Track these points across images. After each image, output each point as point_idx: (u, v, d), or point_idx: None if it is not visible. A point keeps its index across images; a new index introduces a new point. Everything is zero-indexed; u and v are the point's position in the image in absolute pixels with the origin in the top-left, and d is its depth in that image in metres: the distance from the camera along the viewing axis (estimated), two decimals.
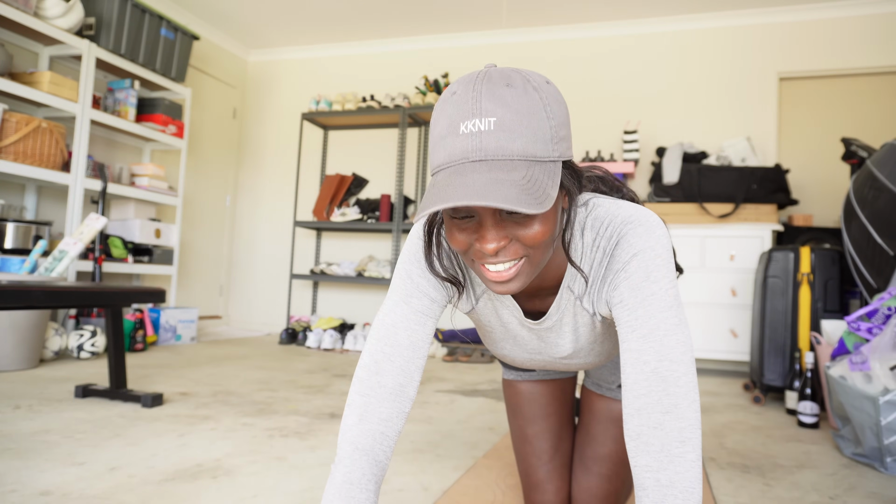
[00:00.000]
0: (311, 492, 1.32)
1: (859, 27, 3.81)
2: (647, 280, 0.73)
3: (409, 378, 0.82)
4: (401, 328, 0.83)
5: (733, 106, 4.01)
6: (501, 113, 0.63)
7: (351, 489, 0.75)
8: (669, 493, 0.66)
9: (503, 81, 0.65)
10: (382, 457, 0.79)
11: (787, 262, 2.67)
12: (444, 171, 0.65)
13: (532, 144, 0.64)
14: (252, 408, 2.12)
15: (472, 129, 0.63)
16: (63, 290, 1.83)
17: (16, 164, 2.95)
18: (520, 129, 0.63)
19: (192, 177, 4.67)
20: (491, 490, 1.37)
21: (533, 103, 0.65)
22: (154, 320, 3.66)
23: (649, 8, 4.04)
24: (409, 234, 0.91)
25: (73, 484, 1.29)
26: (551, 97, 0.67)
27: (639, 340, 0.72)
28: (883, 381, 1.70)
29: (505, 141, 0.63)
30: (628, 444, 0.72)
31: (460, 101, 0.65)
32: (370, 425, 0.79)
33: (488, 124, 0.63)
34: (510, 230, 0.67)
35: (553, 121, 0.66)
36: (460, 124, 0.64)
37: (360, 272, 4.34)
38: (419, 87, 4.45)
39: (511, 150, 0.63)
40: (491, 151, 0.63)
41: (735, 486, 1.50)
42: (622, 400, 0.74)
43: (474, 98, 0.64)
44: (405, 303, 0.84)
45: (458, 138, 0.64)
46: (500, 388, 2.79)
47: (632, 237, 0.75)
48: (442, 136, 0.66)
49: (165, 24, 3.86)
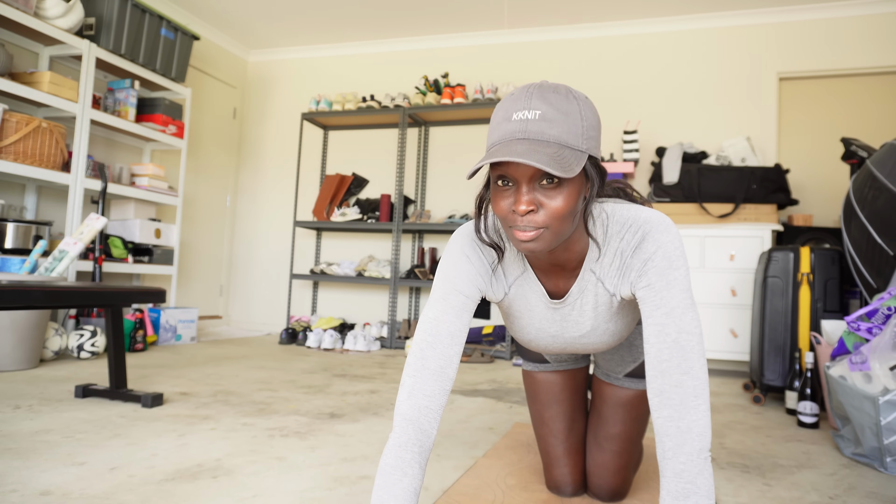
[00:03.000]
0: (311, 492, 1.32)
1: (859, 27, 3.81)
2: (669, 267, 0.92)
3: (449, 361, 0.99)
4: (441, 321, 1.00)
5: (733, 106, 4.01)
6: (545, 109, 0.84)
7: (400, 451, 0.92)
8: (688, 436, 0.85)
9: (552, 89, 0.86)
10: (427, 426, 0.96)
11: (787, 262, 2.67)
12: (496, 146, 0.86)
13: (565, 134, 0.84)
14: (252, 408, 2.12)
15: (521, 118, 0.85)
16: (63, 290, 1.83)
17: (16, 164, 2.95)
18: (557, 122, 0.84)
19: (192, 177, 4.67)
20: (491, 490, 1.37)
21: (571, 107, 0.85)
22: (154, 320, 3.66)
23: (649, 8, 4.04)
24: (449, 242, 1.07)
25: (73, 484, 1.29)
26: (587, 108, 0.87)
27: (663, 316, 0.91)
28: (883, 381, 1.70)
29: (545, 128, 0.84)
30: (652, 401, 0.90)
31: (516, 99, 0.87)
32: (417, 400, 0.96)
33: (534, 115, 0.84)
34: (539, 198, 0.86)
35: (585, 122, 0.86)
36: (514, 113, 0.86)
37: (360, 272, 4.34)
38: (419, 87, 4.45)
39: (548, 135, 0.84)
40: (533, 133, 0.84)
41: (735, 486, 1.50)
42: (646, 364, 0.92)
43: (527, 97, 0.86)
44: (444, 300, 1.01)
45: (510, 123, 0.86)
46: (500, 388, 2.79)
47: (655, 234, 0.94)
48: (498, 122, 0.88)
49: (165, 24, 3.86)
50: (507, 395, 2.60)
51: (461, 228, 1.07)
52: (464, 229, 1.06)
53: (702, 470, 0.84)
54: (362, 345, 3.91)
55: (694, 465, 0.84)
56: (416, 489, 0.91)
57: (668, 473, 0.86)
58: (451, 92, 4.21)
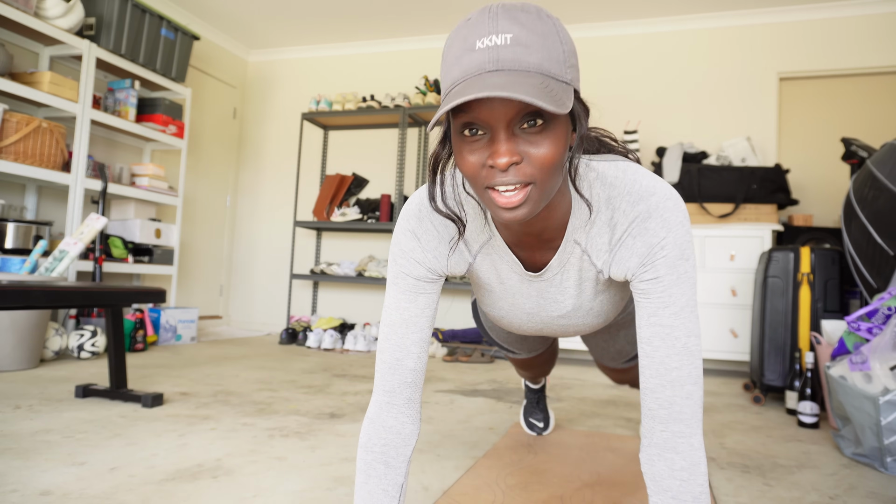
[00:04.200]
0: (311, 492, 1.32)
1: (859, 27, 3.81)
2: (681, 258, 0.77)
3: (406, 352, 0.88)
4: (392, 309, 0.90)
5: (733, 106, 4.01)
6: (517, 30, 0.65)
7: (361, 451, 0.90)
8: (691, 478, 0.76)
9: (518, 7, 0.67)
10: (392, 422, 0.89)
11: (787, 262, 2.67)
12: (459, 84, 0.66)
13: (547, 62, 0.65)
14: (252, 408, 2.12)
15: (489, 44, 0.64)
16: (63, 290, 1.83)
17: (16, 164, 2.95)
18: (535, 46, 0.65)
19: (192, 177, 4.67)
20: (491, 490, 1.37)
21: (547, 27, 0.66)
22: (154, 320, 3.66)
23: (649, 8, 4.04)
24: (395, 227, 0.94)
25: (73, 484, 1.29)
26: (562, 27, 0.69)
27: (671, 317, 0.77)
28: (883, 381, 1.70)
29: (521, 54, 0.64)
30: (658, 412, 0.78)
31: (476, 23, 0.66)
32: (378, 396, 0.90)
33: (504, 39, 0.64)
34: (522, 147, 0.67)
35: (565, 46, 0.68)
36: (476, 41, 0.65)
37: (360, 272, 4.34)
38: (419, 87, 4.45)
39: (528, 63, 0.64)
40: (507, 63, 0.64)
41: (735, 486, 1.50)
42: (646, 368, 0.79)
43: (491, 18, 0.65)
44: (394, 285, 0.90)
45: (474, 53, 0.65)
46: (500, 388, 2.79)
47: (664, 212, 0.77)
48: (458, 56, 0.67)
49: (166, 24, 3.86)
50: (507, 395, 2.59)
51: (410, 199, 0.90)
52: (413, 200, 0.89)
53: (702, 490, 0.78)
54: (362, 345, 3.91)
55: (704, 495, 0.77)
56: (384, 489, 0.86)
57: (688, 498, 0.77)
58: None
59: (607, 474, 1.52)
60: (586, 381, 3.06)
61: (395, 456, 0.87)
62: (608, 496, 1.36)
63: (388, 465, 0.87)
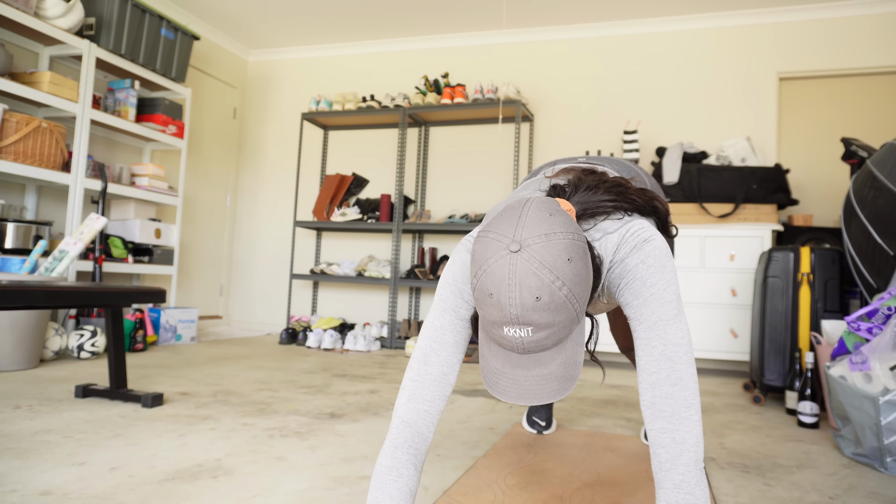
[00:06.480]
0: (311, 492, 1.32)
1: (859, 27, 3.81)
2: (644, 285, 0.93)
3: (451, 368, 1.01)
4: (448, 331, 1.01)
5: (733, 106, 4.01)
6: (536, 321, 0.78)
7: (396, 452, 0.94)
8: (683, 447, 0.85)
9: (531, 307, 0.78)
10: (425, 429, 0.98)
11: (787, 262, 2.67)
12: (498, 356, 0.84)
13: (560, 332, 0.81)
14: (252, 408, 2.12)
15: (514, 335, 0.80)
16: (63, 290, 1.83)
17: (16, 164, 2.95)
18: (552, 331, 0.80)
19: (192, 177, 4.67)
20: (491, 490, 1.37)
21: (561, 309, 0.79)
22: (154, 320, 3.66)
23: (649, 8, 4.04)
24: (456, 249, 1.05)
25: (73, 484, 1.29)
26: (575, 285, 0.80)
27: (646, 331, 0.92)
28: (883, 381, 1.70)
29: (542, 340, 0.80)
30: (645, 413, 0.90)
31: (501, 306, 0.79)
32: (417, 404, 0.98)
33: (526, 332, 0.79)
34: None
35: (577, 304, 0.81)
36: (504, 328, 0.80)
37: (360, 272, 4.34)
38: (419, 87, 4.45)
39: (546, 344, 0.81)
40: (531, 347, 0.81)
41: (735, 486, 1.50)
42: (638, 376, 0.93)
43: (512, 308, 0.79)
44: (453, 311, 1.02)
45: (503, 334, 0.81)
46: None
47: (634, 252, 0.95)
48: (490, 323, 0.82)
49: (165, 24, 3.86)
50: None
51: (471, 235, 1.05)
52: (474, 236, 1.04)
53: (699, 481, 0.84)
54: (362, 345, 3.91)
55: (692, 475, 0.84)
56: (411, 490, 0.92)
57: (667, 485, 0.85)
58: (451, 92, 4.21)
59: (607, 474, 1.52)
60: (586, 381, 3.06)
61: (421, 461, 0.97)
62: (608, 496, 1.36)
63: (416, 468, 0.95)
